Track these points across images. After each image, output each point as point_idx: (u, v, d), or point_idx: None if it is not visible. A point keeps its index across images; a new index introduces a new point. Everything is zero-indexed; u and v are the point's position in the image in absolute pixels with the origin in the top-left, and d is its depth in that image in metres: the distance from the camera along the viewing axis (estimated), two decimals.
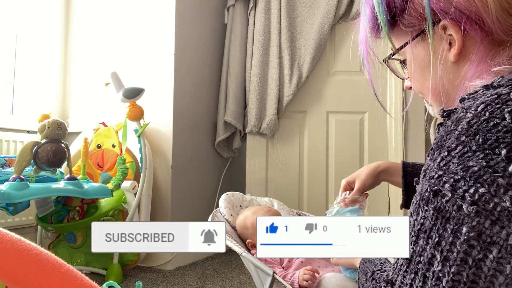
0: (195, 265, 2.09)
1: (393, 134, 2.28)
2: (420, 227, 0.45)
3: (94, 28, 2.33)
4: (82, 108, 2.34)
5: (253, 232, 1.15)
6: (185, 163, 2.16)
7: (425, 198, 0.46)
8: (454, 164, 0.43)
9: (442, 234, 0.43)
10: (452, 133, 0.45)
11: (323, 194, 2.33)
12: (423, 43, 0.56)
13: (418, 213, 0.46)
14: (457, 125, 0.45)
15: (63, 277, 0.38)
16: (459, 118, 0.46)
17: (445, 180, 0.44)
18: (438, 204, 0.44)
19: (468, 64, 0.52)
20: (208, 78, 2.39)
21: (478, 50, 0.51)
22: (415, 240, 0.46)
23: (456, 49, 0.52)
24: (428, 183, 0.46)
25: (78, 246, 1.97)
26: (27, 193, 1.43)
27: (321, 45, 2.30)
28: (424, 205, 0.46)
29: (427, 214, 0.45)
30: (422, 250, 0.44)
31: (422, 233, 0.45)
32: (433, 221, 0.44)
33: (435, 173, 0.45)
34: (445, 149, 0.45)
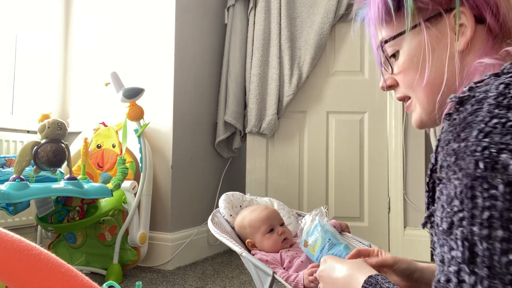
0: (195, 265, 2.09)
1: (393, 134, 2.28)
2: (490, 214, 0.36)
3: (94, 28, 2.33)
4: (82, 108, 2.34)
5: (251, 231, 1.15)
6: (185, 163, 2.16)
7: (480, 175, 0.38)
8: (498, 134, 0.38)
9: None
10: (479, 111, 0.41)
11: (323, 194, 2.33)
12: (429, 31, 0.54)
13: (475, 197, 0.38)
14: (481, 104, 0.41)
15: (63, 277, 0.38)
16: (479, 99, 0.42)
17: (496, 151, 0.37)
18: (504, 177, 0.36)
19: (473, 53, 0.52)
20: (208, 78, 2.39)
21: (487, 40, 0.51)
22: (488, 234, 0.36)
23: (467, 38, 0.52)
24: (473, 158, 0.39)
25: (78, 246, 1.97)
26: (27, 193, 1.43)
27: (321, 45, 2.30)
28: (482, 184, 0.37)
29: (494, 193, 0.37)
30: (508, 242, 0.35)
31: (497, 221, 0.36)
32: (508, 199, 0.36)
33: (477, 145, 0.39)
34: (478, 123, 0.40)
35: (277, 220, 1.17)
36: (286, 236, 1.13)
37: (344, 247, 0.96)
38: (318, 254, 0.98)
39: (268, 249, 1.11)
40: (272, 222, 1.15)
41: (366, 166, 2.30)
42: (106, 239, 1.90)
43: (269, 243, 1.11)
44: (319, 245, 0.98)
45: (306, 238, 1.02)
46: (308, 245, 1.01)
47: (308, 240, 1.01)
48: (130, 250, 1.88)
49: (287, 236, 1.13)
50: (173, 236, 2.05)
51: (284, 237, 1.12)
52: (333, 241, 0.98)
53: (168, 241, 2.02)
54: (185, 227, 2.16)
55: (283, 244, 1.12)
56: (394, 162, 2.27)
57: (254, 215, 1.17)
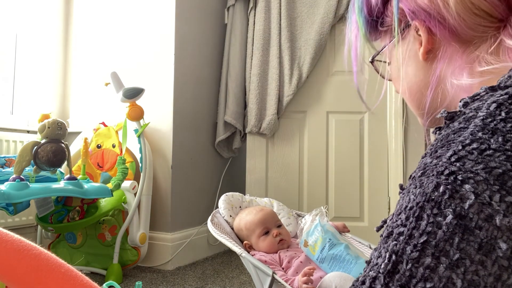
0: (195, 265, 2.09)
1: (393, 134, 2.28)
2: (427, 239, 0.35)
3: (94, 28, 2.33)
4: (82, 108, 2.34)
5: (247, 233, 1.15)
6: (185, 163, 2.16)
7: (435, 199, 0.36)
8: (471, 161, 0.36)
9: (465, 250, 0.34)
10: (463, 131, 0.39)
11: (323, 194, 2.33)
12: (401, 45, 0.57)
13: (420, 218, 0.36)
14: (468, 123, 0.40)
15: (63, 277, 0.38)
16: (468, 117, 0.41)
17: (462, 179, 0.36)
18: (457, 208, 0.35)
19: (437, 62, 0.53)
20: (208, 78, 2.39)
21: (446, 48, 0.51)
22: (417, 256, 0.35)
23: (423, 48, 0.53)
24: (436, 180, 0.37)
25: (78, 246, 1.97)
26: (27, 193, 1.43)
27: (321, 45, 2.30)
28: (432, 208, 0.36)
29: (439, 220, 0.35)
30: (431, 271, 0.34)
31: (431, 248, 0.35)
32: (450, 231, 0.35)
33: (445, 168, 0.37)
34: (457, 144, 0.38)
35: (272, 222, 1.15)
36: (282, 237, 1.12)
37: (345, 247, 0.96)
38: (318, 254, 0.98)
39: (264, 251, 1.11)
40: (267, 224, 1.14)
41: (366, 166, 2.30)
42: (106, 239, 1.90)
43: (264, 245, 1.11)
44: (319, 245, 0.98)
45: (306, 238, 1.02)
46: (308, 245, 1.01)
47: (308, 240, 1.01)
48: (130, 250, 1.88)
49: (284, 237, 1.12)
50: (173, 236, 2.05)
51: (280, 239, 1.11)
52: (333, 241, 0.98)
53: (168, 241, 2.02)
54: (185, 227, 2.16)
55: (279, 246, 1.10)
56: (394, 162, 2.27)
57: (250, 217, 1.16)
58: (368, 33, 0.60)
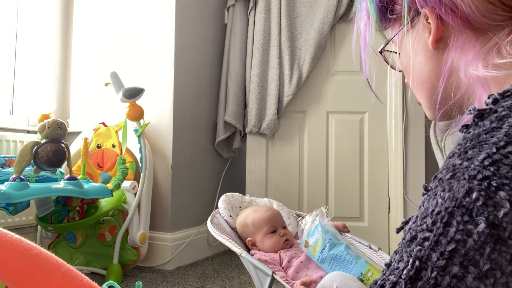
0: (195, 265, 2.09)
1: (393, 134, 2.28)
2: (456, 247, 0.33)
3: (94, 28, 2.33)
4: (82, 108, 2.34)
5: (253, 230, 1.15)
6: (185, 163, 2.16)
7: (466, 205, 0.34)
8: (506, 166, 0.34)
9: (496, 260, 0.32)
10: (496, 131, 0.37)
11: (323, 194, 2.33)
12: (410, 33, 0.55)
13: (449, 225, 0.34)
14: (501, 123, 0.37)
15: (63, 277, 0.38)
16: (501, 116, 0.38)
17: (496, 185, 0.33)
18: (490, 216, 0.33)
19: (448, 51, 0.51)
20: (208, 78, 2.39)
21: (457, 36, 0.49)
22: (444, 265, 0.33)
23: (432, 36, 0.51)
24: (468, 184, 0.35)
25: (78, 246, 1.97)
26: (27, 193, 1.43)
27: (321, 45, 2.30)
28: (463, 215, 0.34)
29: (470, 228, 0.33)
30: (458, 280, 0.33)
31: (460, 257, 0.33)
32: (482, 240, 0.33)
33: (478, 172, 0.35)
34: (490, 146, 0.36)
35: (280, 222, 1.17)
36: (288, 237, 1.14)
37: (345, 247, 0.96)
38: (319, 254, 0.98)
39: (268, 249, 1.11)
40: (275, 224, 1.15)
41: (366, 166, 2.30)
42: (106, 239, 1.90)
43: (270, 243, 1.12)
44: (320, 246, 0.98)
45: (307, 239, 1.02)
46: (309, 246, 1.01)
47: (309, 241, 1.01)
48: (130, 250, 1.88)
49: (288, 238, 1.14)
50: (173, 236, 2.05)
51: (285, 239, 1.13)
52: (333, 241, 0.98)
53: (168, 241, 2.02)
54: (185, 227, 2.16)
55: (283, 246, 1.12)
56: (394, 162, 2.27)
57: (258, 214, 1.17)
58: (379, 21, 0.58)
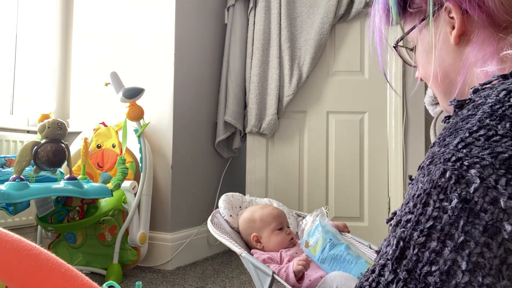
0: (195, 265, 2.09)
1: (393, 134, 2.28)
2: (433, 224, 0.36)
3: (94, 28, 2.33)
4: (82, 108, 2.34)
5: (261, 225, 1.16)
6: (185, 163, 2.16)
7: (441, 185, 0.37)
8: (478, 147, 0.37)
9: (470, 232, 0.34)
10: (471, 117, 0.40)
11: (323, 194, 2.33)
12: (429, 28, 0.55)
13: (427, 204, 0.37)
14: (477, 110, 0.40)
15: (63, 277, 0.38)
16: (477, 104, 0.41)
17: (468, 164, 0.36)
18: (463, 193, 0.35)
19: (470, 46, 0.51)
20: (208, 78, 2.39)
21: (479, 32, 0.50)
22: (424, 241, 0.36)
23: (456, 31, 0.51)
24: (443, 166, 0.37)
25: (78, 246, 1.97)
26: (27, 193, 1.43)
27: (321, 45, 2.30)
28: (439, 194, 0.37)
29: (445, 205, 0.36)
30: (436, 254, 0.35)
31: (437, 232, 0.36)
32: (455, 215, 0.35)
33: (452, 155, 0.37)
34: (464, 131, 0.39)
35: (286, 222, 1.20)
36: (293, 236, 1.16)
37: (345, 247, 0.96)
38: (319, 254, 0.98)
39: (274, 246, 1.12)
40: (282, 221, 1.18)
41: (366, 166, 2.30)
42: (106, 239, 1.90)
43: (277, 240, 1.13)
44: (320, 246, 0.98)
45: (307, 239, 1.02)
46: (309, 246, 1.01)
47: (309, 241, 1.01)
48: (130, 250, 1.88)
49: (293, 237, 1.17)
50: (173, 236, 2.05)
51: (291, 237, 1.15)
52: (334, 242, 0.98)
53: (168, 241, 2.02)
54: (185, 227, 2.16)
55: (289, 244, 1.14)
56: (394, 162, 2.27)
57: (267, 210, 1.19)
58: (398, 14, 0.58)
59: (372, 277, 0.39)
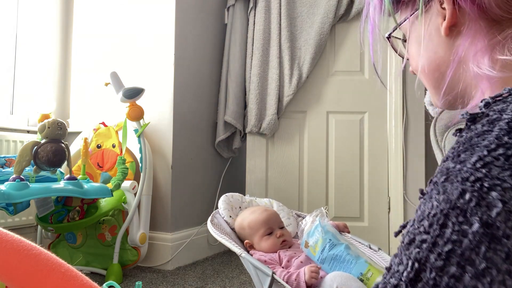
0: (195, 265, 2.09)
1: (393, 134, 2.28)
2: (452, 248, 0.34)
3: (94, 28, 2.33)
4: (82, 108, 2.34)
5: (250, 232, 1.15)
6: (185, 163, 2.16)
7: (460, 207, 0.35)
8: (498, 167, 0.35)
9: (492, 259, 0.33)
10: (488, 134, 0.38)
11: (323, 194, 2.33)
12: (421, 18, 0.54)
13: (445, 226, 0.35)
14: (493, 126, 0.39)
15: (63, 277, 0.38)
16: (492, 120, 0.39)
17: (488, 186, 0.34)
18: (484, 217, 0.34)
19: (460, 39, 0.50)
20: (208, 78, 2.39)
21: (471, 24, 0.49)
22: (442, 265, 0.34)
23: (446, 22, 0.50)
24: (462, 186, 0.36)
25: (78, 246, 1.97)
26: (27, 193, 1.43)
27: (321, 45, 2.30)
28: (458, 216, 0.35)
29: (465, 229, 0.34)
30: (456, 280, 0.34)
31: (456, 257, 0.34)
32: (477, 240, 0.33)
33: (471, 174, 0.36)
34: (482, 149, 0.37)
35: (276, 223, 1.16)
36: (285, 238, 1.13)
37: (345, 247, 0.96)
38: (319, 254, 0.98)
39: (266, 251, 1.11)
40: (271, 225, 1.14)
41: (366, 166, 2.30)
42: (106, 239, 1.90)
43: (266, 245, 1.11)
44: (319, 246, 0.98)
45: (307, 239, 1.02)
46: (309, 246, 1.01)
47: (309, 241, 1.01)
48: (130, 250, 1.88)
49: (286, 238, 1.13)
50: (173, 236, 2.05)
51: (282, 240, 1.12)
52: (333, 242, 0.98)
53: (168, 241, 2.02)
54: (185, 227, 2.16)
55: (281, 247, 1.11)
56: (394, 162, 2.27)
57: (254, 216, 1.17)
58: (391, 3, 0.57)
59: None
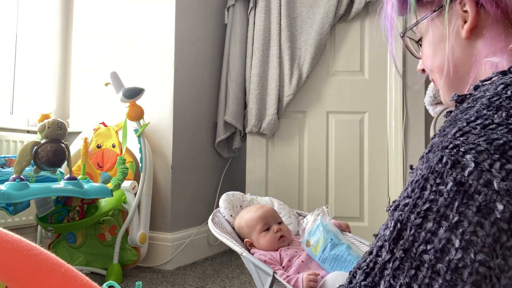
0: (195, 265, 2.09)
1: (393, 134, 2.28)
2: (430, 206, 0.38)
3: (94, 28, 2.33)
4: (82, 108, 2.34)
5: (248, 231, 1.15)
6: (185, 163, 2.16)
7: (438, 170, 0.38)
8: (474, 135, 0.39)
9: (464, 213, 0.36)
10: (470, 109, 0.42)
11: (323, 194, 2.33)
12: (441, 19, 0.55)
13: (424, 189, 0.39)
14: (475, 102, 0.42)
15: (63, 277, 0.38)
16: (476, 98, 0.43)
17: (464, 150, 0.38)
18: (458, 176, 0.37)
19: (481, 41, 0.51)
20: (208, 78, 2.39)
21: (492, 27, 0.50)
22: (420, 223, 0.38)
23: (469, 24, 0.51)
24: (440, 153, 0.39)
25: (78, 246, 1.97)
26: (27, 193, 1.43)
27: (321, 45, 2.30)
28: (435, 178, 0.38)
29: (441, 188, 0.38)
30: (432, 234, 0.37)
31: (433, 214, 0.37)
32: (450, 197, 0.37)
33: (450, 143, 0.39)
34: (462, 122, 0.40)
35: (273, 218, 1.16)
36: (283, 233, 1.12)
37: (346, 247, 0.96)
38: (320, 254, 0.98)
39: (265, 247, 1.11)
40: (268, 221, 1.14)
41: (366, 166, 2.30)
42: (106, 239, 1.90)
43: (265, 241, 1.11)
44: (321, 245, 0.98)
45: (308, 238, 1.02)
46: (310, 245, 1.01)
47: (310, 240, 1.01)
48: (130, 250, 1.88)
49: (284, 234, 1.13)
50: (173, 236, 2.04)
51: (280, 235, 1.11)
52: (335, 241, 0.98)
53: (168, 241, 2.02)
54: (185, 227, 2.16)
55: (279, 242, 1.11)
56: (394, 162, 2.26)
57: (250, 215, 1.17)
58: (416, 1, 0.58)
59: (369, 258, 0.40)
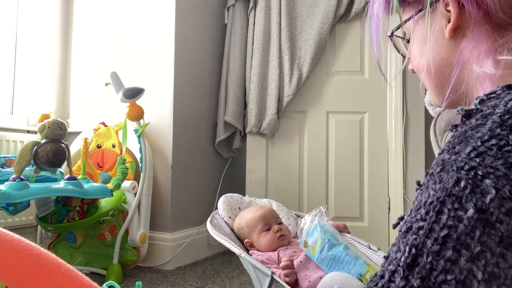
0: (195, 265, 2.09)
1: (393, 134, 2.28)
2: (448, 232, 0.36)
3: (94, 28, 2.33)
4: (82, 108, 2.34)
5: (248, 231, 1.16)
6: (185, 163, 2.16)
7: (456, 194, 0.36)
8: (491, 157, 0.37)
9: (486, 243, 0.34)
10: (481, 127, 0.40)
11: (323, 194, 2.33)
12: (425, 19, 0.55)
13: (441, 213, 0.37)
14: (486, 120, 0.41)
15: (63, 277, 0.38)
16: (485, 114, 0.41)
17: (482, 174, 0.36)
18: (478, 203, 0.35)
19: (464, 42, 0.51)
20: (208, 78, 2.39)
21: (475, 28, 0.50)
22: (438, 250, 0.36)
23: (451, 24, 0.51)
24: (456, 175, 0.37)
25: (78, 246, 1.97)
26: (27, 193, 1.43)
27: (321, 45, 2.30)
28: (453, 203, 0.36)
29: (461, 214, 0.36)
30: (452, 264, 0.35)
31: (452, 241, 0.35)
32: (471, 225, 0.35)
33: (465, 163, 0.38)
34: (476, 140, 0.39)
35: (273, 218, 1.17)
36: (283, 233, 1.13)
37: (344, 248, 0.96)
38: (318, 254, 0.98)
39: (265, 247, 1.11)
40: (268, 221, 1.15)
41: (366, 166, 2.30)
42: (106, 239, 1.90)
43: (265, 241, 1.12)
44: (319, 246, 0.98)
45: (306, 239, 1.02)
46: (308, 246, 1.01)
47: (308, 241, 1.01)
48: (130, 250, 1.88)
49: (284, 233, 1.14)
50: (173, 236, 2.05)
51: (280, 234, 1.12)
52: (332, 242, 0.98)
53: (168, 241, 2.02)
54: (185, 227, 2.16)
55: (279, 241, 1.12)
56: (394, 162, 2.27)
57: (250, 215, 1.18)
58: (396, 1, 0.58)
59: (381, 282, 0.38)
